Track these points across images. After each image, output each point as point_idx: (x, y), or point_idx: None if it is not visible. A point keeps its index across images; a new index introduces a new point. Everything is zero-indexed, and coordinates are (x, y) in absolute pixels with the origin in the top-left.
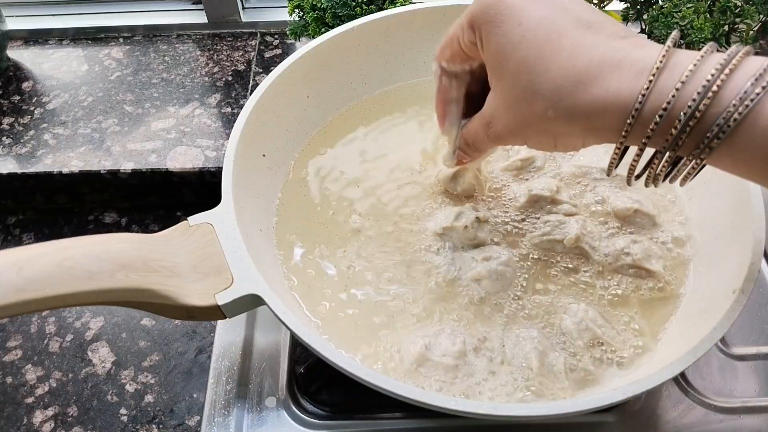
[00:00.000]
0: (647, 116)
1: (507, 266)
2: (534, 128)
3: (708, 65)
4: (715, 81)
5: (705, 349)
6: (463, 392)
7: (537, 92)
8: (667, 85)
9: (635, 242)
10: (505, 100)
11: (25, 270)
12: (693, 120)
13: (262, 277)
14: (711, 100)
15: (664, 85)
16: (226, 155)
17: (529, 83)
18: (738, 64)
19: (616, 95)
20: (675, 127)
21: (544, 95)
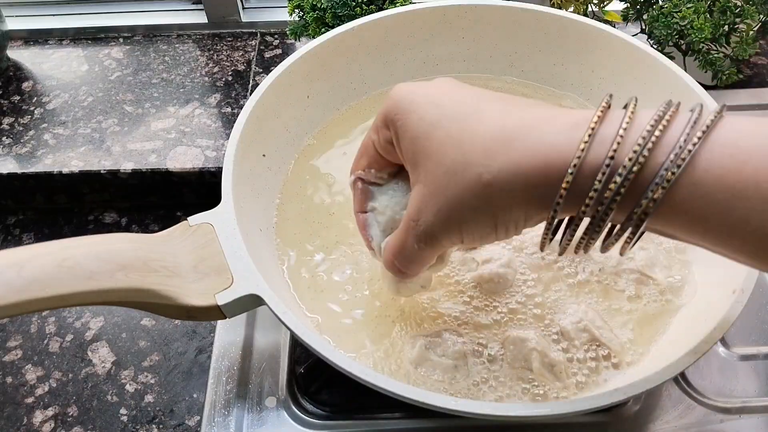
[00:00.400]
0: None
1: (508, 268)
2: (469, 206)
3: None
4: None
5: (705, 349)
6: (462, 392)
7: (466, 161)
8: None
9: (642, 249)
10: (432, 184)
11: (26, 270)
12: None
13: (262, 277)
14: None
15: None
16: (226, 155)
17: (456, 155)
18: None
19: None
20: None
21: (475, 161)
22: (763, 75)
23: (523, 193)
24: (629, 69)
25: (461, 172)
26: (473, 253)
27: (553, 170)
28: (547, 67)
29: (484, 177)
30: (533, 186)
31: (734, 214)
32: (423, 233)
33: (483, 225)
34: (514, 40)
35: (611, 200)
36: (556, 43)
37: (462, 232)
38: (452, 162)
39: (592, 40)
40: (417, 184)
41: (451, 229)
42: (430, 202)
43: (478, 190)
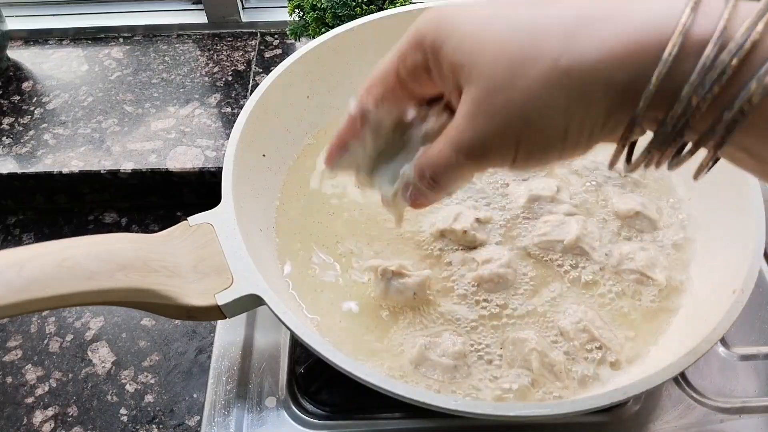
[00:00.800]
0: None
1: (508, 268)
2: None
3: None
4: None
5: (705, 349)
6: (462, 392)
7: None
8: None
9: (643, 249)
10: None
11: (26, 270)
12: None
13: (262, 277)
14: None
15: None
16: (226, 155)
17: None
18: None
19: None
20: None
21: (550, 43)
22: None
23: (608, 81)
24: None
25: (532, 58)
26: (473, 254)
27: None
28: None
29: (561, 62)
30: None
31: None
32: (470, 143)
33: (552, 128)
34: None
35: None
36: None
37: (520, 141)
38: (520, 49)
39: None
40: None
41: (505, 135)
42: (485, 103)
43: (553, 79)
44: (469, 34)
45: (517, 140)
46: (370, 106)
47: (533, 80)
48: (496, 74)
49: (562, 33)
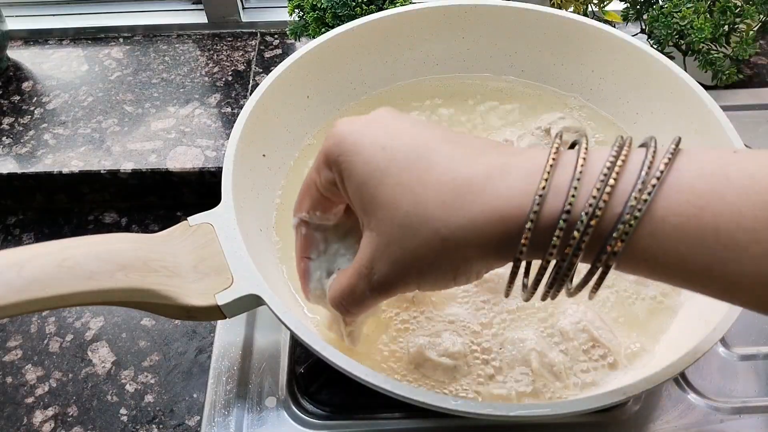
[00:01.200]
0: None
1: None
2: (427, 260)
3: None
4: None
5: (705, 349)
6: (462, 392)
7: (422, 215)
8: (563, 182)
9: None
10: (386, 236)
11: (26, 270)
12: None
13: (262, 277)
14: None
15: (561, 182)
16: (226, 155)
17: (410, 207)
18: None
19: (510, 200)
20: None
21: (431, 216)
22: (763, 75)
23: (483, 248)
24: (629, 69)
25: (417, 226)
26: None
27: (510, 225)
28: (547, 67)
29: (441, 232)
30: (493, 241)
31: (696, 261)
32: (377, 282)
33: (442, 277)
34: (514, 40)
35: (573, 253)
36: (556, 43)
37: (419, 283)
38: (406, 215)
39: (592, 40)
40: (369, 231)
41: (407, 280)
42: (385, 253)
43: (437, 246)
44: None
45: (417, 282)
46: (305, 216)
47: (420, 245)
48: (389, 232)
49: (439, 207)
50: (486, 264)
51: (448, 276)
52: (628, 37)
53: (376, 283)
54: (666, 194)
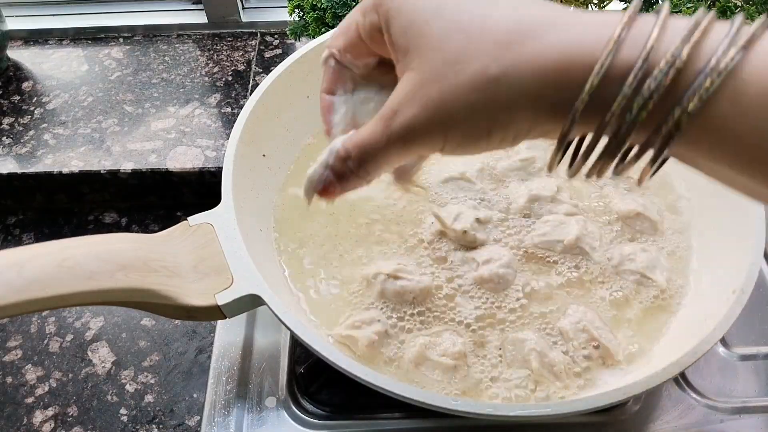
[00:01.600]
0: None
1: (508, 268)
2: (465, 100)
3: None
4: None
5: (705, 349)
6: (462, 392)
7: (473, 49)
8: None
9: (644, 251)
10: (425, 72)
11: (26, 270)
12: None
13: (262, 277)
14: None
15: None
16: (226, 155)
17: (461, 42)
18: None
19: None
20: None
21: (484, 50)
22: None
23: (535, 96)
24: None
25: (464, 61)
26: (473, 254)
27: (576, 70)
28: None
29: (491, 69)
30: (550, 87)
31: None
32: (400, 126)
33: (476, 127)
34: None
35: (641, 108)
36: None
37: (447, 133)
38: (455, 50)
39: None
40: (407, 72)
41: (434, 125)
42: (420, 92)
43: (482, 84)
44: (416, 19)
45: (445, 131)
46: (335, 52)
47: (463, 82)
48: (432, 68)
49: (497, 41)
50: (531, 121)
51: (482, 129)
52: None
53: (399, 126)
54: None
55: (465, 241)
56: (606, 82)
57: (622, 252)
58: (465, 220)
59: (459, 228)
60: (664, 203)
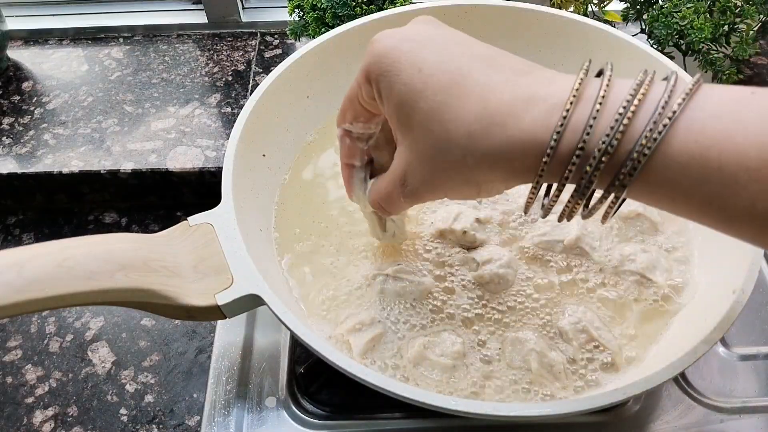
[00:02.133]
0: (563, 154)
1: (508, 268)
2: (454, 180)
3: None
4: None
5: (705, 349)
6: (460, 392)
7: (450, 140)
8: (580, 120)
9: (644, 251)
10: (418, 153)
11: (26, 270)
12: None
13: (262, 277)
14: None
15: (578, 119)
16: (226, 155)
17: (441, 132)
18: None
19: (531, 134)
20: (590, 164)
21: (458, 143)
22: (763, 75)
23: (505, 173)
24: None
25: (445, 151)
26: (473, 254)
27: (530, 156)
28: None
29: (468, 159)
30: (514, 168)
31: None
32: (409, 192)
33: (467, 193)
34: (514, 40)
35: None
36: (556, 43)
37: (447, 196)
38: (437, 139)
39: (592, 40)
40: (403, 147)
41: (436, 193)
42: (417, 170)
43: (463, 170)
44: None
45: (444, 194)
46: (348, 126)
47: (449, 167)
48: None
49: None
50: (507, 184)
51: (472, 192)
52: (629, 36)
53: (408, 192)
54: (676, 134)
55: (465, 241)
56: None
57: (622, 252)
58: (465, 220)
59: (459, 228)
60: None
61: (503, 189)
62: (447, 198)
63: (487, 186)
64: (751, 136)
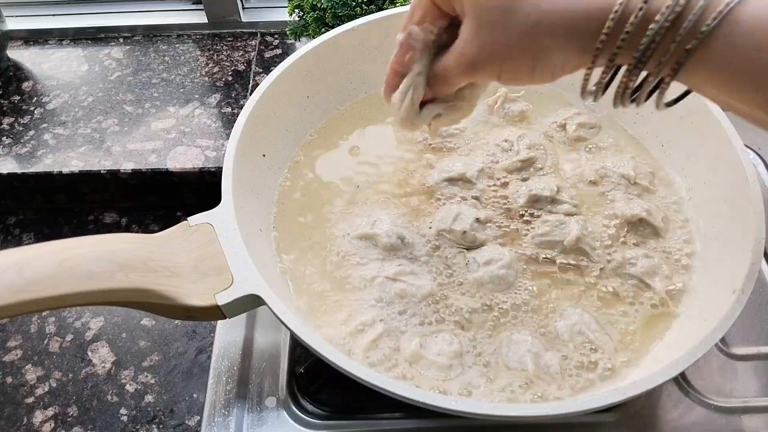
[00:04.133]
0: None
1: (509, 269)
2: (513, 44)
3: None
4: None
5: (705, 349)
6: (457, 391)
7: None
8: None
9: (647, 257)
10: (481, 19)
11: (26, 270)
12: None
13: (261, 277)
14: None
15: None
16: (226, 155)
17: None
18: None
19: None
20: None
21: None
22: None
23: (566, 37)
24: None
25: (510, 11)
26: (474, 254)
27: (595, 17)
28: None
29: (531, 17)
30: (576, 30)
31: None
32: (466, 60)
33: (522, 63)
34: None
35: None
36: None
37: (502, 67)
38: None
39: None
40: (468, 17)
41: (492, 62)
42: (477, 36)
43: (525, 29)
44: None
45: (499, 66)
46: (414, 28)
47: (511, 28)
48: (486, 17)
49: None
50: (565, 58)
51: (528, 64)
52: None
53: (465, 60)
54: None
55: (465, 242)
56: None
57: (624, 255)
58: (465, 221)
59: (459, 228)
60: (665, 204)
61: (560, 66)
62: (500, 76)
63: (544, 57)
64: None
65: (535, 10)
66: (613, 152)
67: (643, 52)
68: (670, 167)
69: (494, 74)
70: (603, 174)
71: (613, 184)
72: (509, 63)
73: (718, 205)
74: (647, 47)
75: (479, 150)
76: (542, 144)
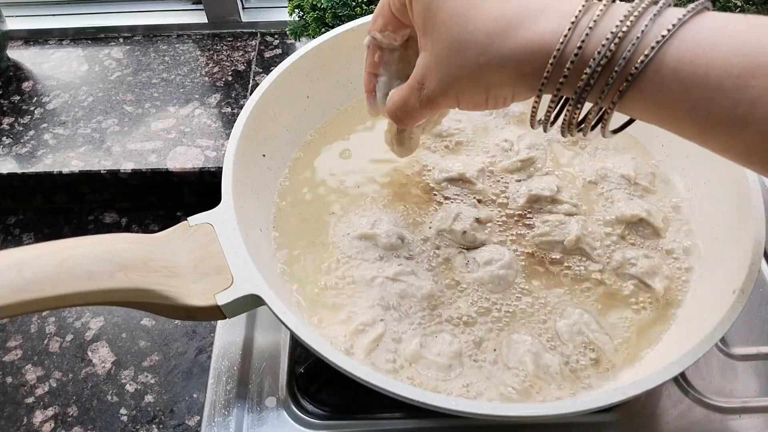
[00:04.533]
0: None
1: (509, 269)
2: (466, 80)
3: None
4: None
5: (705, 349)
6: (456, 391)
7: (468, 39)
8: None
9: (647, 257)
10: (436, 56)
11: (26, 270)
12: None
13: (262, 277)
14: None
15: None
16: (226, 155)
17: (460, 32)
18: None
19: (541, 38)
20: (587, 70)
21: (476, 41)
22: None
23: (513, 75)
24: None
25: (463, 50)
26: (474, 254)
27: (539, 59)
28: None
29: (481, 59)
30: (522, 70)
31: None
32: (425, 96)
33: (477, 97)
34: None
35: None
36: None
37: (458, 100)
38: (456, 39)
39: None
40: (424, 51)
41: (449, 96)
42: (434, 71)
43: (476, 69)
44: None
45: (456, 98)
46: (377, 34)
47: (463, 66)
48: (440, 53)
49: (483, 35)
50: (514, 91)
51: (481, 97)
52: None
53: (424, 97)
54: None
55: (465, 242)
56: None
57: (624, 255)
58: (464, 220)
59: (459, 228)
60: (665, 204)
61: (510, 97)
62: (458, 105)
63: (495, 91)
64: (735, 46)
65: (483, 52)
66: (614, 152)
67: (581, 91)
68: (670, 167)
69: (453, 105)
70: (603, 174)
71: (614, 185)
72: (464, 95)
73: (719, 204)
74: (584, 87)
75: (479, 150)
76: (542, 144)
